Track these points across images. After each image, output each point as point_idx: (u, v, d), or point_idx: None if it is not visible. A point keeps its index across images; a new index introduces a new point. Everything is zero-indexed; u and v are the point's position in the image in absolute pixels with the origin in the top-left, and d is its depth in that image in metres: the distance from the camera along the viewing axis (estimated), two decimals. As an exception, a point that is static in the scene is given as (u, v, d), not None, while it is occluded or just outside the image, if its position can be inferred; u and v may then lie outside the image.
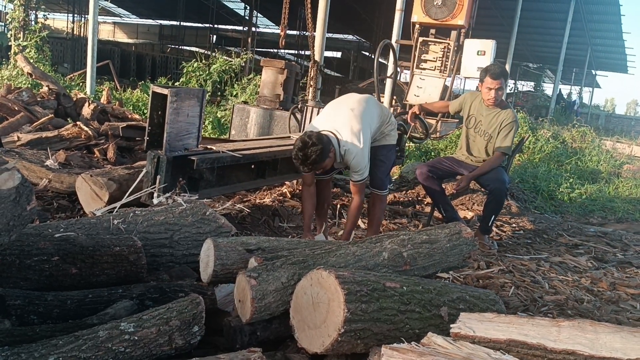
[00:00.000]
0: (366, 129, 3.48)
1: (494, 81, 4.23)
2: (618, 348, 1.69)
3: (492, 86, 4.25)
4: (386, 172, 3.87)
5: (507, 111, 4.34)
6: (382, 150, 3.79)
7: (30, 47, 11.43)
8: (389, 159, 3.86)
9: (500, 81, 4.23)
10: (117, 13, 35.92)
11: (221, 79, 11.38)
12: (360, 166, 3.45)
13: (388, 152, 3.84)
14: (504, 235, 4.87)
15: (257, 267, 2.16)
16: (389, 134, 3.82)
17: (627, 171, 10.79)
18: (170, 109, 3.31)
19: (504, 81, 4.27)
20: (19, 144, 4.71)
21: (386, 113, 3.82)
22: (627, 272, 4.12)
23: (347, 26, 29.41)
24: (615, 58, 29.05)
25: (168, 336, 1.84)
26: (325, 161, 3.32)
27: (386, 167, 3.85)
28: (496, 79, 4.22)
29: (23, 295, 2.07)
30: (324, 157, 3.26)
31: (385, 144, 3.82)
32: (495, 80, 4.23)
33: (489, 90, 4.28)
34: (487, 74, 4.28)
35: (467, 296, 2.27)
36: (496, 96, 4.28)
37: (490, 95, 4.29)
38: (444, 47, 5.87)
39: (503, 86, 4.27)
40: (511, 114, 4.32)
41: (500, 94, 4.28)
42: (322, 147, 3.21)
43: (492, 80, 4.24)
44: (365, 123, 3.49)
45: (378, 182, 3.83)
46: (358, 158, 3.42)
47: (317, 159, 3.23)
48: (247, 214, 4.10)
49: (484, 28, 19.93)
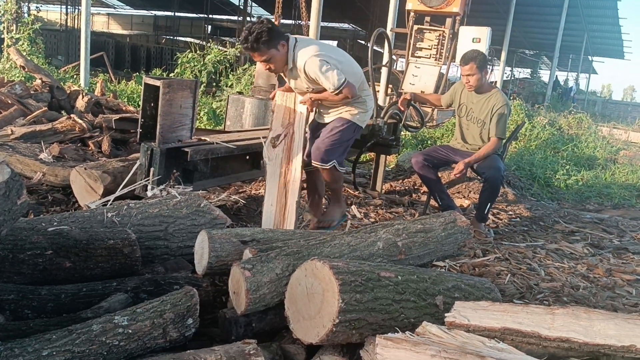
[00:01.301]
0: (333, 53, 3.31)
1: (464, 67, 4.28)
2: (612, 335, 1.69)
3: (464, 72, 4.31)
4: (332, 145, 3.46)
5: (497, 95, 4.34)
6: (336, 122, 3.52)
7: (23, 39, 11.35)
8: (342, 134, 3.48)
9: (470, 66, 4.24)
10: (111, 4, 35.64)
11: (216, 70, 11.32)
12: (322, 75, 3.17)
13: (342, 126, 3.49)
14: (501, 223, 4.87)
15: (252, 258, 2.16)
16: (356, 111, 3.51)
17: (624, 157, 10.80)
18: (163, 101, 3.29)
19: (478, 64, 4.25)
20: (12, 137, 4.68)
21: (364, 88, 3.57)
22: (623, 258, 4.13)
23: (342, 15, 29.25)
24: (611, 44, 28.96)
25: (162, 329, 1.84)
26: (271, 51, 3.15)
27: (334, 141, 3.46)
28: (466, 65, 4.27)
29: (17, 290, 2.07)
30: (267, 42, 3.10)
31: (343, 117, 3.52)
32: (465, 66, 4.28)
33: (463, 77, 4.36)
34: (460, 61, 4.36)
35: (462, 285, 2.26)
36: (471, 81, 4.30)
37: (466, 81, 4.35)
38: (439, 35, 5.84)
39: (478, 70, 4.26)
40: (501, 98, 4.32)
41: (475, 78, 4.27)
42: (269, 30, 3.07)
43: (463, 67, 4.30)
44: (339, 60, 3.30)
45: (317, 152, 3.46)
46: (312, 65, 3.16)
47: (259, 39, 3.07)
48: (243, 205, 4.09)
49: (480, 15, 19.82)
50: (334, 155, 3.47)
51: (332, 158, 3.46)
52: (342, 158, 3.60)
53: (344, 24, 33.60)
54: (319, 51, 3.23)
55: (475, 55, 4.27)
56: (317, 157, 3.45)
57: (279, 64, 3.28)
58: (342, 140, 3.51)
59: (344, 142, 3.53)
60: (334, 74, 3.18)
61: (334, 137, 3.48)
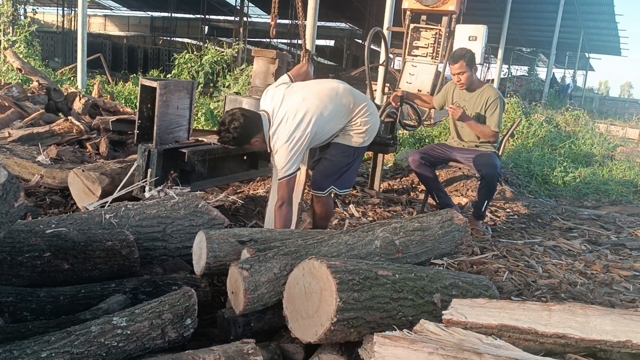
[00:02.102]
0: (309, 125, 3.10)
1: (454, 65, 4.32)
2: (608, 330, 1.70)
3: (454, 71, 4.34)
4: (327, 174, 3.40)
5: (489, 89, 4.37)
6: (332, 149, 3.40)
7: (20, 42, 11.32)
8: (338, 161, 3.39)
9: (460, 64, 4.28)
10: (108, 5, 35.59)
11: (213, 70, 11.30)
12: (280, 163, 3.07)
13: (338, 153, 3.38)
14: (498, 221, 4.88)
15: (250, 258, 2.16)
16: (352, 134, 3.35)
17: (621, 154, 10.82)
18: (160, 102, 3.30)
19: (468, 62, 4.28)
20: (9, 140, 4.68)
21: (358, 113, 3.33)
22: (620, 254, 4.14)
23: (339, 14, 29.25)
24: (608, 40, 28.97)
25: (161, 329, 1.85)
26: (251, 143, 3.12)
27: (329, 168, 3.40)
28: (455, 63, 4.30)
29: (15, 292, 2.07)
30: (243, 139, 3.07)
31: (339, 142, 3.37)
32: (454, 65, 4.31)
33: (454, 76, 4.39)
34: (449, 60, 4.40)
35: (460, 282, 2.27)
36: (462, 79, 4.33)
37: (457, 80, 4.39)
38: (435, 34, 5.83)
39: (468, 68, 4.29)
40: (493, 92, 4.34)
41: (466, 75, 4.31)
42: (243, 127, 3.02)
43: (452, 65, 4.35)
44: (314, 118, 3.11)
45: (314, 181, 3.44)
46: (280, 153, 3.07)
47: (236, 139, 3.06)
48: (241, 206, 4.10)
49: (476, 13, 19.83)
50: (328, 183, 3.41)
51: (328, 185, 3.41)
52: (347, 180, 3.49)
53: (341, 23, 33.58)
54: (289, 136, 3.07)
55: (463, 53, 4.30)
56: (313, 185, 3.44)
57: (259, 147, 3.21)
58: (336, 169, 3.41)
59: (336, 170, 3.42)
60: (287, 167, 3.07)
61: (329, 165, 3.42)
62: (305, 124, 3.10)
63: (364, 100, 3.39)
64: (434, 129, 9.47)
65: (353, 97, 3.33)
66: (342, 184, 3.46)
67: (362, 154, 3.57)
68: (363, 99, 3.40)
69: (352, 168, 3.48)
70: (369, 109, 3.37)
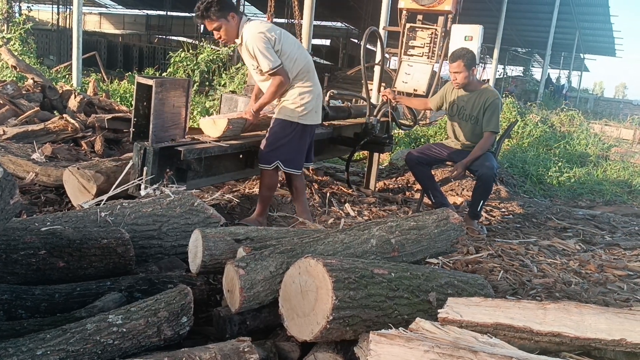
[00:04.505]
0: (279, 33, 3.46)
1: (452, 64, 4.37)
2: (603, 329, 1.71)
3: (452, 70, 4.39)
4: (267, 144, 3.64)
5: (487, 90, 4.39)
6: (272, 123, 3.69)
7: (15, 39, 11.28)
8: (274, 131, 3.64)
9: (458, 63, 4.32)
10: (103, 3, 35.46)
11: (209, 69, 11.27)
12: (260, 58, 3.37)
13: (275, 125, 3.64)
14: (494, 220, 4.90)
15: (246, 256, 2.16)
16: (288, 106, 3.62)
17: (615, 154, 10.88)
18: (156, 100, 3.28)
19: (466, 62, 4.31)
20: (4, 137, 4.66)
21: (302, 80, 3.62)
22: (614, 254, 4.16)
23: (335, 13, 29.25)
24: (603, 41, 29.09)
25: (157, 327, 1.84)
26: (220, 20, 3.38)
27: (268, 139, 3.64)
28: (454, 62, 4.35)
29: (10, 290, 2.06)
30: (218, 11, 3.35)
31: (276, 117, 3.66)
32: (453, 64, 4.36)
33: (451, 74, 4.43)
34: (449, 59, 4.45)
35: (455, 281, 2.28)
36: (457, 78, 4.37)
37: (453, 78, 4.43)
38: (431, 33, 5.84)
39: (465, 68, 4.32)
40: (491, 92, 4.36)
41: (462, 75, 4.35)
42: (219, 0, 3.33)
43: (450, 64, 4.39)
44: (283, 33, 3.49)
45: (260, 155, 3.69)
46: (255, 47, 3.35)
47: (209, 8, 3.34)
48: (237, 204, 4.09)
49: (472, 13, 19.87)
50: (272, 155, 3.63)
51: (272, 159, 3.63)
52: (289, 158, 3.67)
53: (337, 23, 33.58)
54: (263, 30, 3.39)
55: (463, 53, 4.31)
56: (259, 159, 3.67)
57: (229, 35, 3.48)
58: (275, 140, 3.62)
59: (278, 141, 3.63)
60: (271, 55, 3.36)
61: (268, 138, 3.65)
62: (274, 29, 3.45)
63: (314, 79, 3.68)
64: (430, 128, 9.49)
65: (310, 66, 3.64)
66: (285, 160, 3.65)
67: (304, 132, 3.72)
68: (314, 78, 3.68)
69: (292, 143, 3.66)
70: (313, 87, 3.64)
